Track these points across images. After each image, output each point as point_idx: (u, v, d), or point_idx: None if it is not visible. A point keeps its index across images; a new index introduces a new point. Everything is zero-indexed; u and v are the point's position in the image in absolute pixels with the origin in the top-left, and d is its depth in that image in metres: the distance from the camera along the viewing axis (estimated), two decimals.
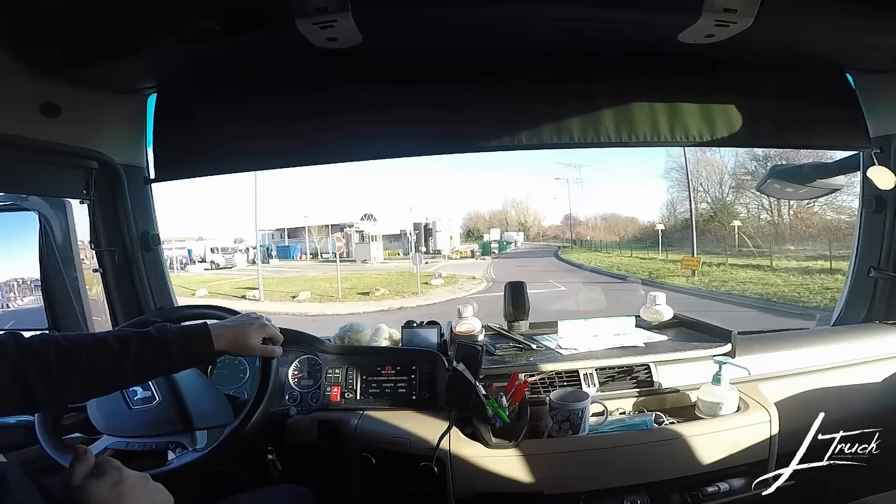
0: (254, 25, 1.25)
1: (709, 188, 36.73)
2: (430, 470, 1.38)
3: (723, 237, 30.31)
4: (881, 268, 1.88)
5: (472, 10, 1.33)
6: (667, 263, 24.22)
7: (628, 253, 32.09)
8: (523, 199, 64.53)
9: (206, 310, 1.48)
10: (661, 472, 1.38)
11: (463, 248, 41.67)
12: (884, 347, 1.77)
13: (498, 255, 37.92)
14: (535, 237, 60.33)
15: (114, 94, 1.60)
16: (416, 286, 19.19)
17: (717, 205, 34.53)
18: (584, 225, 54.13)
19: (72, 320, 1.80)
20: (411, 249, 35.93)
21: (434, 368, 1.61)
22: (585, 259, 30.97)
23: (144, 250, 1.85)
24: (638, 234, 45.60)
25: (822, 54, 1.62)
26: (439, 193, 76.71)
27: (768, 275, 17.33)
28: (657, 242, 32.79)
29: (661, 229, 31.17)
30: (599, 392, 1.57)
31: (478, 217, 62.28)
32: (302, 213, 50.52)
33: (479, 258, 34.82)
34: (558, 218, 61.81)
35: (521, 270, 24.08)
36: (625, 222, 51.63)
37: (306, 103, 1.66)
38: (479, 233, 54.26)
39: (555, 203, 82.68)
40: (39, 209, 1.74)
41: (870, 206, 1.89)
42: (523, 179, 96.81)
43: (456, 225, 49.01)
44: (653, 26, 1.42)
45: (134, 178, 1.75)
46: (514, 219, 61.09)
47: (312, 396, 1.64)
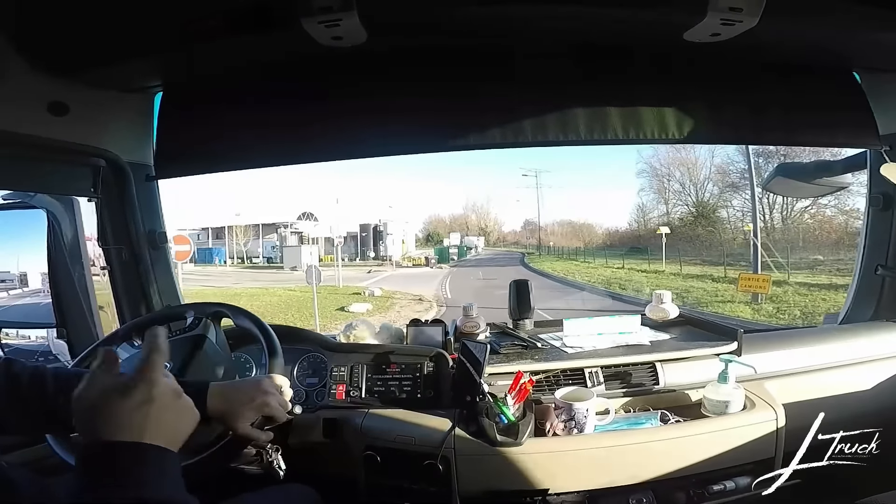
0: (259, 25, 1.25)
1: (693, 188, 35.44)
2: (435, 468, 1.38)
3: (714, 244, 28.61)
4: (889, 266, 1.87)
5: (475, 8, 1.33)
6: (686, 280, 19.07)
7: (616, 263, 27.51)
8: (484, 203, 64.18)
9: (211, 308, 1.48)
10: (666, 470, 1.38)
11: (417, 254, 37.65)
12: (891, 346, 1.76)
13: (457, 263, 35.12)
14: (496, 242, 59.78)
15: (121, 93, 1.61)
16: (331, 308, 14.59)
17: (702, 207, 33.43)
18: (544, 230, 52.93)
19: (79, 317, 1.81)
20: (357, 253, 32.90)
21: (439, 367, 1.61)
22: (563, 270, 26.17)
23: (151, 248, 1.86)
24: (609, 241, 44.29)
25: (829, 53, 1.61)
26: (400, 195, 75.81)
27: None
28: (639, 250, 30.79)
29: (666, 233, 27.39)
30: (604, 391, 1.57)
31: (438, 221, 61.99)
32: (234, 210, 46.54)
33: (434, 266, 31.29)
34: (518, 223, 61.52)
35: (486, 286, 18.10)
36: (589, 228, 50.74)
37: (311, 101, 1.67)
38: (440, 237, 52.70)
39: (516, 208, 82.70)
40: (47, 207, 1.75)
41: (877, 204, 1.88)
42: (485, 183, 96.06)
43: (412, 228, 46.10)
44: (658, 25, 1.42)
45: (141, 176, 1.76)
46: (474, 223, 60.60)
47: (317, 395, 1.64)
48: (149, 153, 1.76)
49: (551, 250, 45.76)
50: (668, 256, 25.66)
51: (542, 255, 43.35)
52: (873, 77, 1.72)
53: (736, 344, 1.60)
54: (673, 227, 32.46)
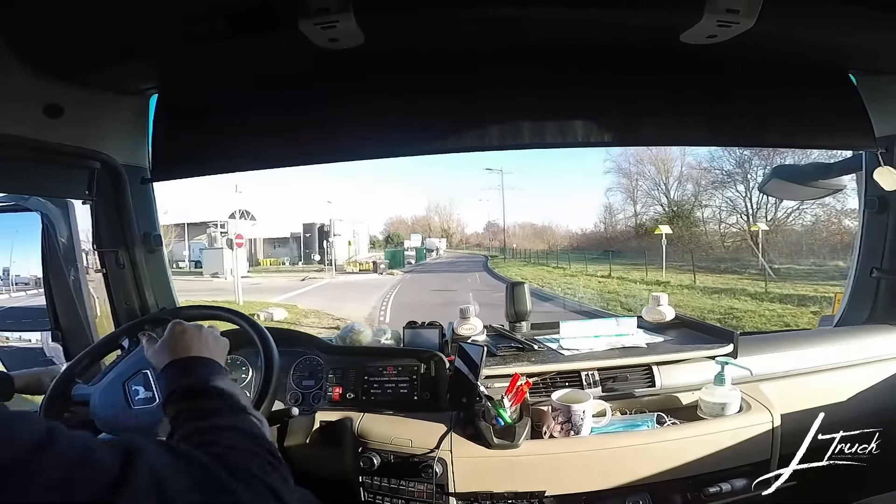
0: (256, 27, 1.25)
1: (666, 186, 34.09)
2: (432, 470, 1.38)
3: (703, 246, 26.71)
4: (884, 268, 1.88)
5: (472, 9, 1.33)
6: (711, 296, 15.23)
7: (598, 268, 24.23)
8: (447, 204, 63.15)
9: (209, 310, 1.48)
10: (662, 472, 1.38)
11: (364, 258, 33.13)
12: (886, 348, 1.77)
13: (413, 267, 31.98)
14: (458, 244, 58.54)
15: (116, 95, 1.60)
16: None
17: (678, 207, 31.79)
18: (507, 232, 51.19)
19: (74, 321, 1.81)
20: (300, 257, 29.01)
21: (436, 369, 1.61)
22: (534, 277, 21.81)
23: (147, 251, 1.85)
24: (575, 243, 42.60)
25: (825, 55, 1.61)
26: (359, 196, 75.46)
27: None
28: (615, 254, 29.05)
29: (667, 233, 24.05)
30: (601, 393, 1.57)
31: (400, 222, 61.07)
32: (162, 208, 42.56)
33: (384, 272, 27.36)
34: (481, 225, 60.28)
35: (441, 298, 15.47)
36: (553, 230, 49.31)
37: (307, 103, 1.66)
38: (400, 239, 50.44)
39: (479, 209, 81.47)
40: (42, 209, 1.74)
41: (872, 207, 1.88)
42: (448, 184, 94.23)
43: (364, 228, 43.27)
44: (654, 27, 1.42)
45: (136, 179, 1.75)
46: (437, 225, 59.63)
47: (314, 397, 1.64)
48: (144, 156, 1.75)
49: (516, 253, 43.79)
50: (649, 261, 23.37)
51: (508, 258, 41.20)
52: (870, 79, 1.73)
53: (732, 346, 1.61)
54: (648, 229, 31.26)
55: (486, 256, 43.83)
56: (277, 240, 35.06)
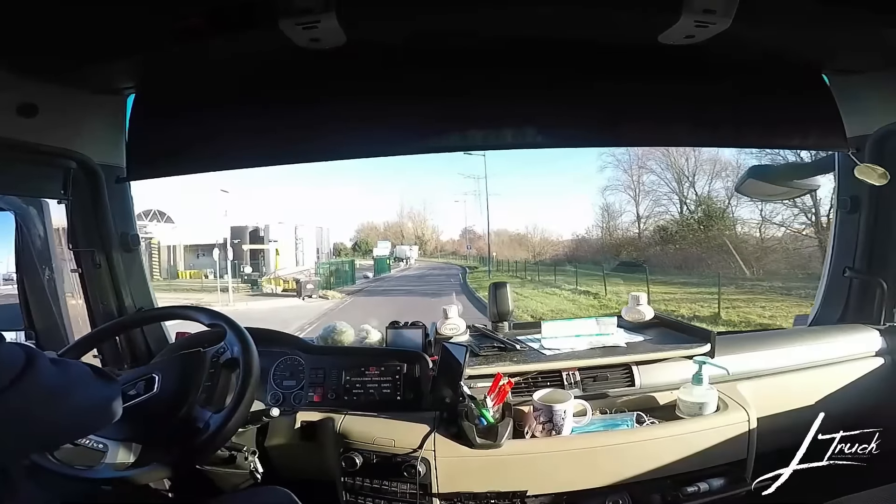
0: (235, 26, 1.23)
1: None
2: (415, 470, 1.38)
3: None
4: (856, 268, 1.92)
5: (452, 10, 1.33)
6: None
7: (633, 286, 17.94)
8: (421, 209, 59.09)
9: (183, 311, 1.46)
10: (641, 472, 1.40)
11: (290, 274, 25.75)
12: (858, 346, 1.81)
13: (368, 283, 26.50)
14: (433, 252, 54.29)
15: (93, 94, 1.57)
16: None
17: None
18: (483, 239, 43.61)
19: (49, 321, 1.78)
20: (228, 268, 22.67)
21: (419, 369, 1.61)
22: (544, 306, 16.12)
23: (124, 251, 1.82)
24: (570, 252, 36.72)
25: (799, 55, 1.64)
26: (320, 198, 71.78)
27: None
28: (634, 266, 23.77)
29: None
30: (582, 392, 1.58)
31: (371, 228, 57.59)
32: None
33: (313, 294, 20.08)
34: (457, 231, 55.72)
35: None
36: (537, 237, 42.93)
37: (286, 103, 1.65)
38: (368, 246, 46.12)
39: (456, 213, 76.57)
40: (15, 209, 1.71)
41: (845, 207, 1.92)
42: (422, 189, 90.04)
43: (312, 233, 36.15)
44: (633, 27, 1.43)
45: (113, 179, 1.72)
46: (410, 231, 56.20)
47: (295, 397, 1.63)
48: (121, 155, 1.71)
49: (499, 264, 36.52)
50: (653, 276, 19.23)
51: (492, 270, 32.47)
52: (842, 79, 1.75)
53: (709, 346, 1.63)
54: (651, 240, 26.43)
55: (462, 268, 36.81)
56: (203, 247, 27.26)
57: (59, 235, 1.80)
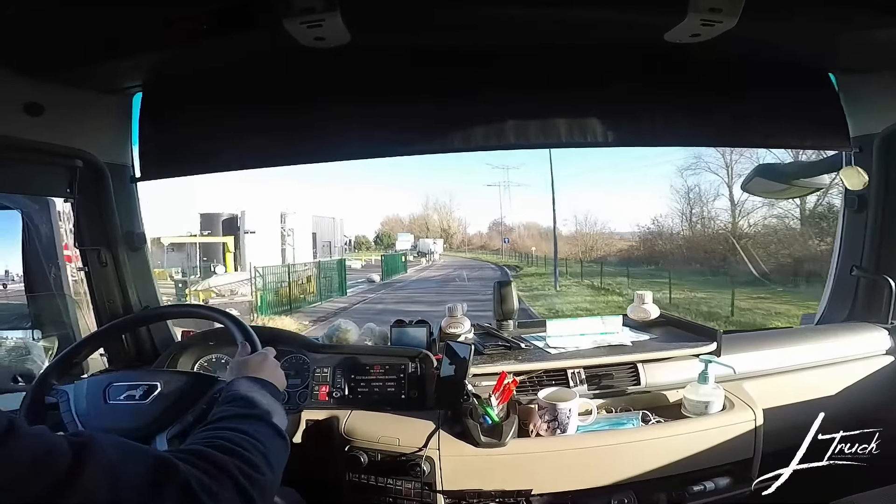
0: (240, 25, 1.24)
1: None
2: (419, 469, 1.38)
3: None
4: (863, 267, 1.91)
5: (457, 9, 1.33)
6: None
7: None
8: (447, 201, 56.98)
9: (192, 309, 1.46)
10: (647, 471, 1.39)
11: (227, 283, 19.32)
12: (865, 346, 1.80)
13: (374, 289, 22.10)
14: (459, 246, 51.66)
15: (99, 93, 1.58)
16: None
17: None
18: (514, 232, 40.77)
19: (55, 318, 1.79)
20: (198, 268, 19.22)
21: (423, 368, 1.61)
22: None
23: (129, 249, 1.82)
24: (635, 253, 30.00)
25: (806, 54, 1.63)
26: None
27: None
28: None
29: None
30: (587, 391, 1.58)
31: (395, 221, 55.91)
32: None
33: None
34: (485, 224, 52.88)
35: None
36: (595, 232, 35.65)
37: (293, 102, 1.65)
38: (391, 240, 43.29)
39: (484, 204, 73.52)
40: (23, 207, 1.72)
41: (852, 206, 1.91)
42: (448, 179, 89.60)
43: (305, 222, 28.88)
44: (639, 26, 1.43)
45: (119, 177, 1.73)
46: (436, 224, 54.42)
47: (300, 396, 1.63)
48: (127, 154, 1.73)
49: (535, 260, 30.94)
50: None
51: (543, 271, 26.59)
52: (849, 79, 1.75)
53: (715, 344, 1.62)
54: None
55: (501, 268, 29.55)
56: (175, 243, 23.59)
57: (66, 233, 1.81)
